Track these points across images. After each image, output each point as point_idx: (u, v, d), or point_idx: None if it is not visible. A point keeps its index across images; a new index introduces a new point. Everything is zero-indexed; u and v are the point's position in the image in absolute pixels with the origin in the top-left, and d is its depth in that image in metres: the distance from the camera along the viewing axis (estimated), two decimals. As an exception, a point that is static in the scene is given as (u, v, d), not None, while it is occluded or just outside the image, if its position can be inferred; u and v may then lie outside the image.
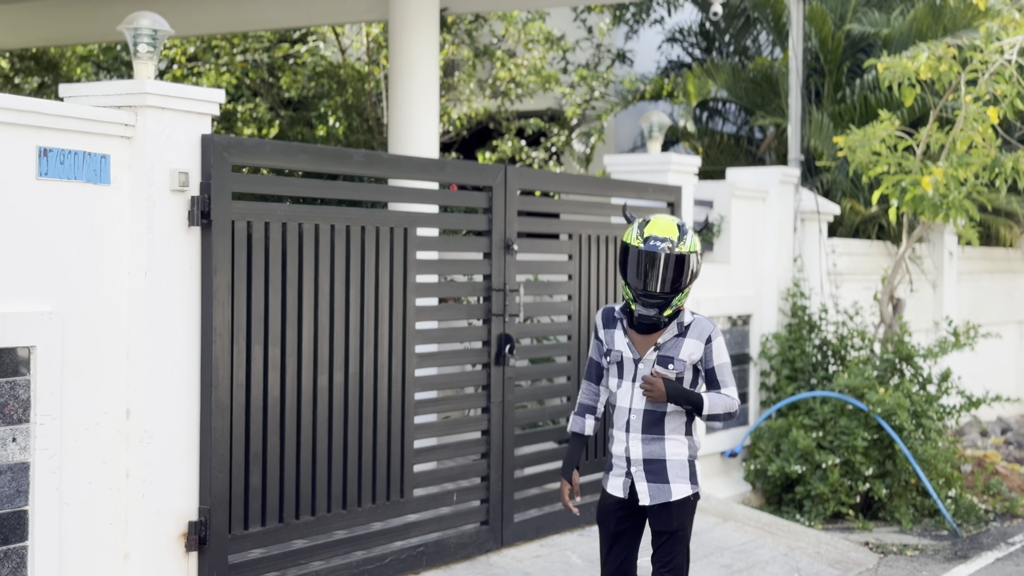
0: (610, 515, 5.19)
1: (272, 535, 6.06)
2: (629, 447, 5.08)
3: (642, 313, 5.00)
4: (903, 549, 8.77)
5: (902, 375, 9.89)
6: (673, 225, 5.03)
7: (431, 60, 9.93)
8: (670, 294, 4.97)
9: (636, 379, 5.05)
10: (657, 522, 5.10)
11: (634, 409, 5.07)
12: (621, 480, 5.13)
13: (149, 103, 5.42)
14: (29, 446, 5.03)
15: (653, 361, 5.05)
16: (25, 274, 5.06)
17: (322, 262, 6.26)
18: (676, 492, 5.07)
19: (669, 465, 5.06)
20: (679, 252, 4.97)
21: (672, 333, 5.07)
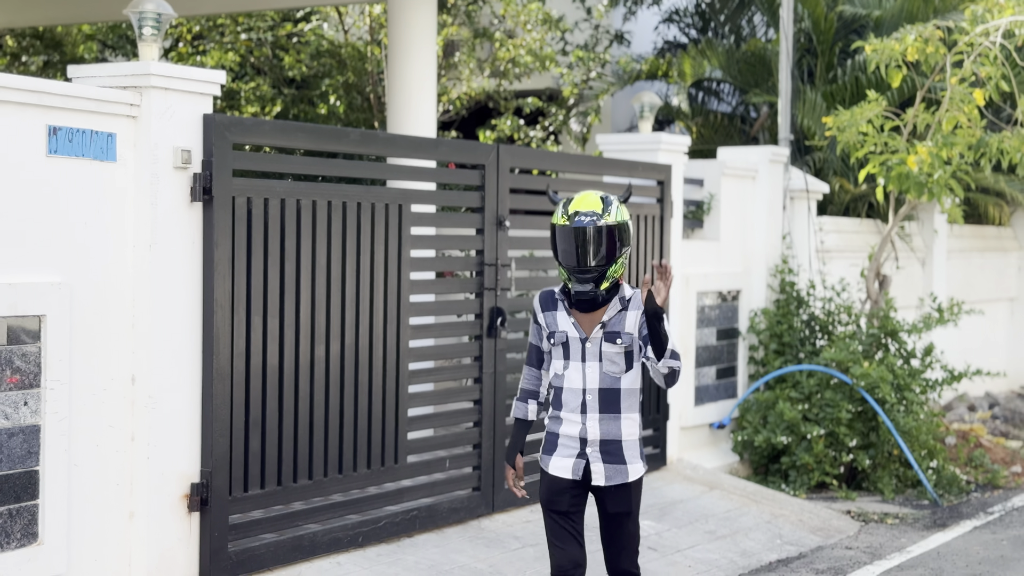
0: (562, 494, 5.03)
1: (271, 497, 6.34)
2: (586, 428, 4.97)
3: (579, 290, 4.94)
4: (884, 517, 9.05)
5: (887, 350, 10.14)
6: (596, 198, 4.97)
7: (429, 40, 10.16)
8: (602, 266, 4.90)
9: (586, 359, 4.97)
10: (613, 503, 5.00)
11: (589, 389, 4.98)
12: (571, 461, 4.99)
13: (153, 84, 5.68)
14: (40, 410, 5.31)
15: (600, 339, 4.97)
16: (36, 247, 5.32)
17: (319, 237, 6.52)
18: (633, 472, 5.00)
19: (625, 445, 4.99)
20: (606, 224, 4.90)
21: (616, 308, 4.99)
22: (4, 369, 5.17)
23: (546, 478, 5.06)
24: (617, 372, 4.99)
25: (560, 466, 5.01)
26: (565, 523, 5.03)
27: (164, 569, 5.82)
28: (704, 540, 7.97)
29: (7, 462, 5.19)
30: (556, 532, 5.05)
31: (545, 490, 5.07)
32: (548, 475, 5.04)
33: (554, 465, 5.03)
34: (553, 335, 5.04)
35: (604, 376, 4.98)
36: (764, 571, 7.58)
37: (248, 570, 6.16)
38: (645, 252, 9.06)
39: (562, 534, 5.04)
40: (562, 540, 5.05)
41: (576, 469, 5.00)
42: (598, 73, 15.16)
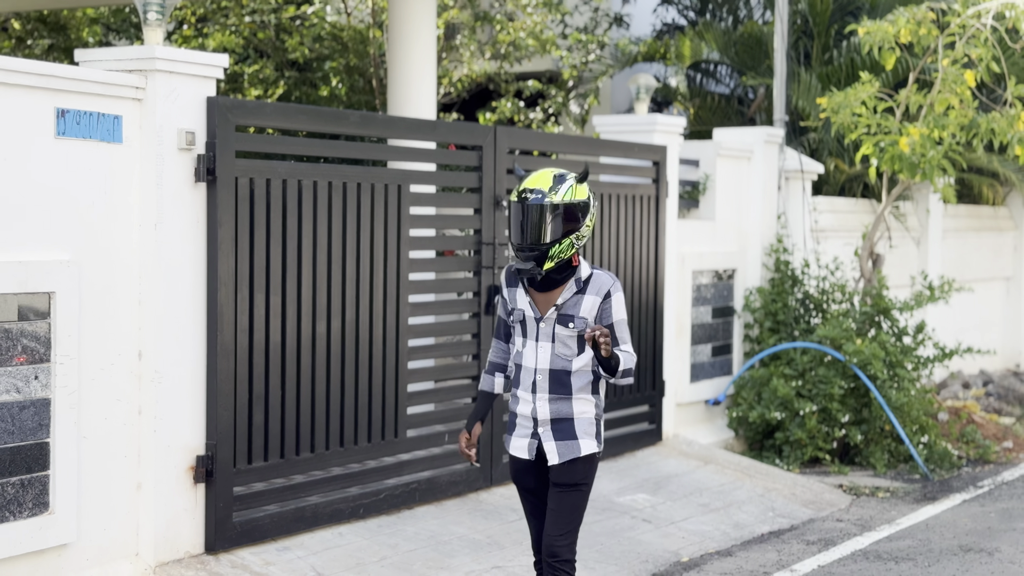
0: (525, 473, 5.02)
1: (274, 470, 6.53)
2: (536, 408, 4.90)
3: (519, 267, 4.84)
4: (875, 491, 9.23)
5: (879, 327, 10.32)
6: (548, 176, 4.85)
7: (430, 23, 10.29)
8: (544, 245, 4.77)
9: (539, 339, 4.88)
10: (560, 475, 4.92)
11: (539, 369, 4.89)
12: (526, 441, 4.95)
13: (158, 67, 5.85)
14: (50, 384, 5.49)
15: (554, 320, 4.87)
16: (45, 226, 5.50)
17: (320, 216, 6.69)
18: (584, 447, 4.91)
19: (577, 423, 4.91)
20: (550, 201, 4.78)
21: (572, 290, 4.89)
22: (15, 344, 5.35)
23: (510, 458, 5.06)
24: (569, 355, 4.88)
25: (517, 446, 4.99)
26: (536, 500, 5.05)
27: (170, 538, 6.01)
28: (698, 512, 8.15)
29: (19, 434, 5.37)
30: (529, 510, 5.09)
31: (512, 469, 5.07)
32: (510, 455, 5.05)
33: (513, 445, 5.01)
34: (513, 312, 4.97)
35: (555, 358, 4.88)
36: (756, 542, 7.76)
37: (252, 540, 6.35)
38: (642, 231, 9.23)
39: (532, 512, 5.08)
40: (532, 517, 5.08)
41: (531, 449, 4.95)
42: (597, 55, 15.29)
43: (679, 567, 7.13)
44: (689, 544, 7.52)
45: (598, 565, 6.95)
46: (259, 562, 6.21)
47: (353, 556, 6.50)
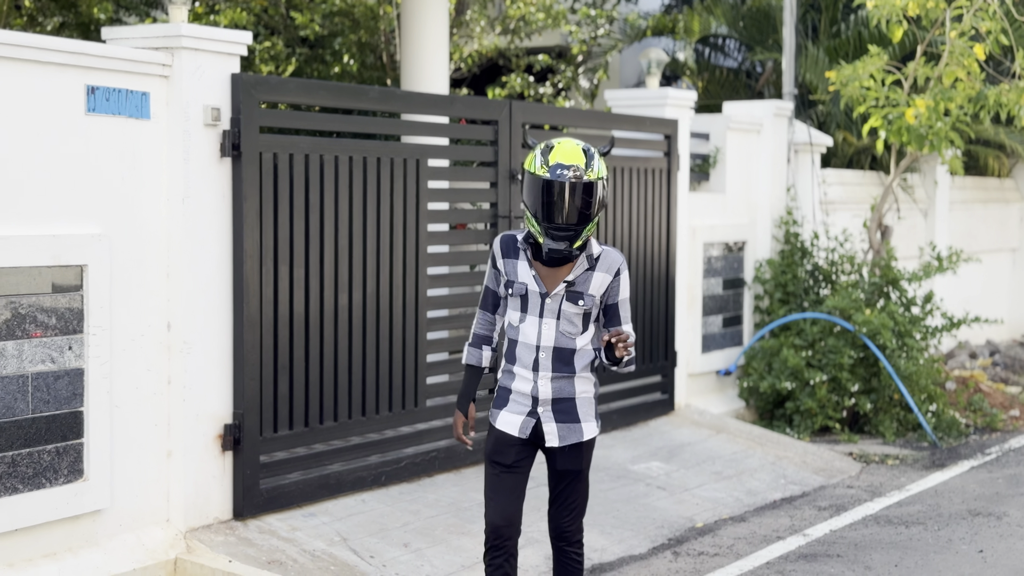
0: (508, 447, 4.76)
1: (299, 438, 6.68)
2: (538, 386, 4.69)
3: (552, 247, 4.61)
4: (884, 459, 9.38)
5: (888, 298, 10.45)
6: (579, 150, 4.62)
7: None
8: (579, 225, 4.60)
9: (544, 315, 4.68)
10: (565, 462, 4.75)
11: (543, 347, 4.68)
12: (521, 419, 4.73)
13: (184, 45, 5.97)
14: (83, 354, 5.64)
15: (562, 297, 4.68)
16: (77, 200, 5.64)
17: (341, 190, 6.83)
18: (587, 431, 4.76)
19: (579, 403, 4.74)
20: (587, 179, 4.58)
21: (583, 267, 4.71)
22: (49, 316, 5.49)
23: (494, 432, 4.79)
24: (574, 332, 4.71)
25: (509, 422, 4.75)
26: (507, 477, 4.76)
27: (200, 504, 6.17)
28: (711, 480, 8.31)
29: (54, 403, 5.52)
30: (495, 486, 4.77)
31: (493, 442, 4.79)
32: (496, 429, 4.78)
33: (503, 420, 4.76)
34: (512, 284, 4.74)
35: (560, 335, 4.69)
36: (769, 509, 7.91)
37: (278, 506, 6.51)
38: (654, 204, 9.36)
39: (501, 488, 4.76)
40: (499, 494, 4.76)
41: (524, 428, 4.72)
42: (606, 30, 15.38)
43: (694, 532, 7.28)
44: (703, 510, 7.68)
45: (614, 531, 7.10)
46: (286, 528, 6.37)
47: (376, 522, 6.65)
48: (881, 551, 6.95)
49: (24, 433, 5.41)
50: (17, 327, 5.36)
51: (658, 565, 6.68)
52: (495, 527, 4.77)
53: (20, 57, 5.36)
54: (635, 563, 6.70)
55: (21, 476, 5.40)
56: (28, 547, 5.45)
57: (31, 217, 5.45)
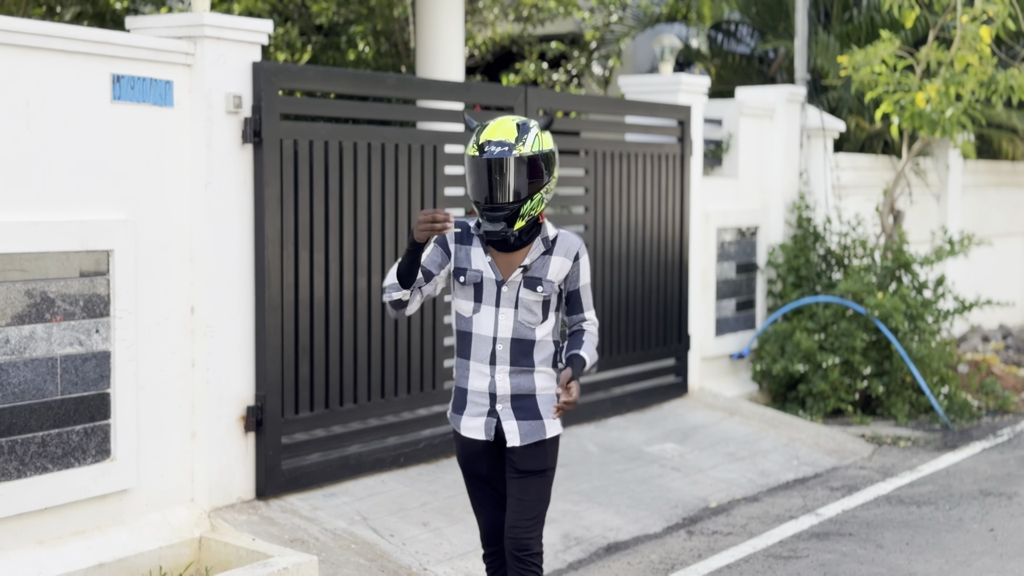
0: (477, 458, 4.54)
1: (319, 420, 6.80)
2: (495, 381, 4.41)
3: (488, 229, 4.34)
4: (897, 440, 9.48)
5: (900, 281, 10.54)
6: (512, 126, 4.35)
7: (456, -13, 10.51)
8: (515, 203, 4.31)
9: (500, 304, 4.40)
10: (524, 461, 4.45)
11: (500, 339, 4.40)
12: (482, 421, 4.46)
13: (207, 34, 6.09)
14: (110, 337, 5.76)
15: (519, 284, 4.41)
16: (103, 186, 5.76)
17: (360, 176, 6.94)
18: (550, 429, 4.47)
19: (540, 400, 4.46)
20: (518, 155, 4.30)
21: (539, 250, 4.43)
22: (77, 300, 5.62)
23: (459, 439, 4.57)
24: (533, 322, 4.43)
25: (471, 427, 4.49)
26: (487, 488, 4.59)
27: (223, 484, 6.30)
28: (724, 461, 8.41)
29: (82, 384, 5.65)
30: (479, 498, 4.63)
31: (460, 453, 4.58)
32: (461, 436, 4.55)
33: (465, 425, 4.50)
34: (464, 273, 4.44)
35: (518, 325, 4.41)
36: (782, 489, 8.02)
37: (300, 487, 6.64)
38: (667, 190, 9.45)
39: (484, 501, 4.62)
40: (484, 507, 4.63)
41: (488, 429, 4.46)
42: (619, 17, 15.46)
43: (708, 512, 7.40)
44: (717, 491, 7.79)
45: (629, 510, 7.22)
46: (307, 507, 6.50)
47: (396, 502, 6.78)
48: (893, 530, 7.05)
49: (53, 414, 5.54)
50: (46, 310, 5.49)
51: (672, 543, 6.79)
52: (489, 534, 4.66)
53: (48, 47, 5.47)
54: (650, 542, 6.82)
55: (50, 456, 5.53)
56: (58, 525, 5.58)
57: (59, 203, 5.57)
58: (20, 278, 5.38)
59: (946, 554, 6.61)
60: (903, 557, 6.55)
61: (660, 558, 6.55)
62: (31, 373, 5.44)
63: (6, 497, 5.33)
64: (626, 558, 6.54)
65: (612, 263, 8.97)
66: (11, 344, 5.36)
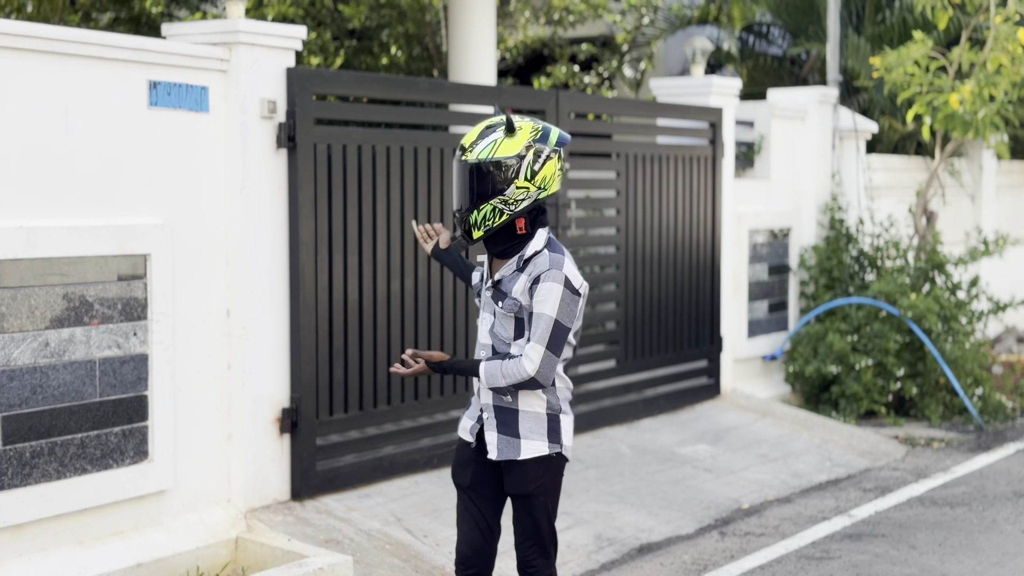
0: (466, 465, 4.37)
1: (353, 422, 6.86)
2: (481, 388, 4.28)
3: (452, 235, 4.31)
4: (930, 442, 9.46)
5: (933, 282, 10.51)
6: (480, 128, 4.16)
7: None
8: (464, 211, 4.12)
9: (484, 309, 4.32)
10: (509, 483, 4.28)
11: (482, 344, 4.28)
12: (471, 423, 4.35)
13: (242, 40, 6.16)
14: (147, 340, 5.84)
15: (492, 294, 4.26)
16: (140, 191, 5.84)
17: (393, 180, 7.00)
18: (526, 450, 4.20)
19: (521, 417, 4.21)
20: (466, 160, 4.10)
21: (511, 267, 4.20)
22: (115, 303, 5.70)
23: (456, 442, 4.49)
24: (505, 337, 4.21)
25: (464, 426, 4.40)
26: (469, 504, 4.37)
27: (259, 485, 6.37)
28: (757, 463, 8.42)
29: (120, 387, 5.73)
30: (460, 513, 4.42)
31: (454, 458, 4.46)
32: (459, 439, 4.45)
33: (461, 425, 4.42)
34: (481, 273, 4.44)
35: (495, 335, 4.24)
36: (814, 490, 8.03)
37: (334, 488, 6.70)
38: (699, 192, 9.47)
39: (465, 516, 4.39)
40: (464, 523, 4.39)
41: (472, 430, 4.35)
42: (650, 19, 15.48)
43: (740, 513, 7.41)
44: (749, 492, 7.80)
45: (662, 511, 7.25)
46: (342, 508, 6.56)
47: (429, 503, 6.83)
48: (926, 531, 7.05)
49: (92, 416, 5.62)
50: (85, 314, 5.57)
51: (705, 544, 6.81)
52: (462, 555, 4.41)
53: (86, 54, 5.56)
54: (682, 543, 6.85)
55: (90, 457, 5.61)
56: (97, 526, 5.66)
57: (97, 208, 5.65)
58: (59, 282, 5.47)
59: (979, 555, 6.60)
60: (936, 558, 6.55)
61: (692, 559, 6.57)
62: (70, 376, 5.52)
63: (46, 498, 5.42)
64: (658, 559, 6.56)
65: (644, 265, 8.99)
66: (51, 347, 5.44)
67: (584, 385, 8.63)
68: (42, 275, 5.40)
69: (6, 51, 5.29)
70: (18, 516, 5.32)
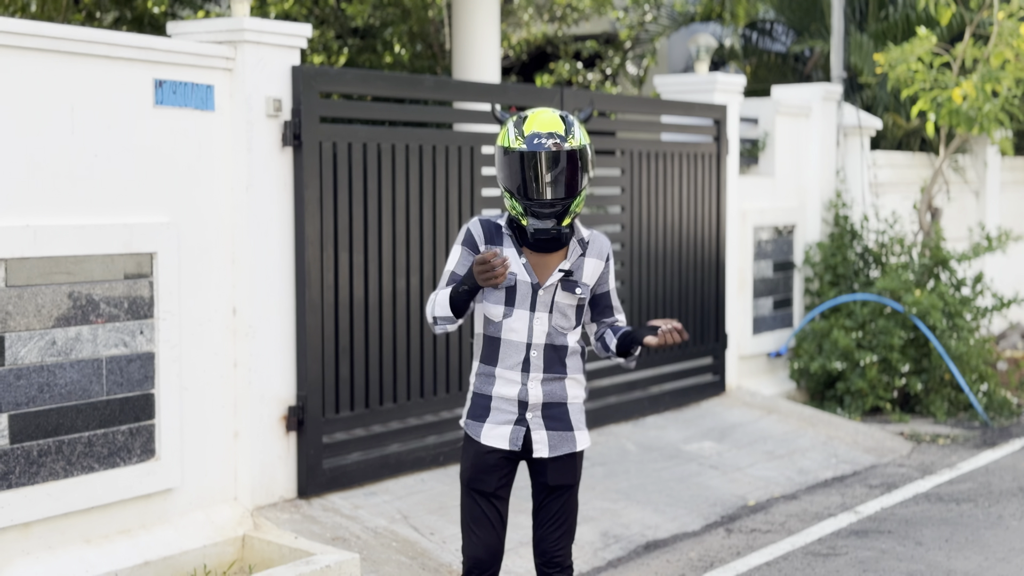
0: (492, 471, 4.22)
1: (359, 419, 6.86)
2: (527, 389, 4.15)
3: (538, 227, 4.07)
4: (936, 438, 9.46)
5: (938, 279, 10.51)
6: (556, 117, 4.13)
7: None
8: (567, 199, 4.07)
9: (536, 308, 4.15)
10: (556, 475, 4.22)
11: (535, 344, 4.15)
12: (509, 429, 4.18)
13: (247, 38, 6.16)
14: (154, 338, 5.85)
15: (555, 287, 4.17)
16: (147, 190, 5.84)
17: (398, 178, 7.00)
18: (580, 441, 4.26)
19: (571, 409, 4.25)
20: (569, 147, 4.08)
21: (576, 252, 4.21)
22: (121, 301, 5.71)
23: (473, 450, 4.25)
24: (566, 327, 4.20)
25: (495, 435, 4.19)
26: (489, 508, 4.24)
27: (265, 483, 6.37)
28: (763, 459, 8.43)
29: (127, 385, 5.74)
30: (478, 518, 4.26)
31: (471, 465, 4.25)
32: (478, 446, 4.23)
33: (487, 434, 4.20)
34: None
35: (553, 330, 4.17)
36: (820, 487, 8.03)
37: (341, 485, 6.70)
38: (704, 189, 9.47)
39: (484, 521, 4.25)
40: (483, 528, 4.26)
41: (515, 439, 4.19)
42: (653, 16, 15.48)
43: (746, 510, 7.41)
44: (755, 489, 7.80)
45: (668, 508, 7.25)
46: (348, 506, 6.56)
47: (436, 500, 6.83)
48: (932, 527, 7.05)
49: (99, 414, 5.63)
50: (91, 312, 5.57)
51: (711, 541, 6.82)
52: (477, 560, 4.28)
53: (92, 53, 5.56)
54: (688, 539, 6.85)
55: (96, 456, 5.62)
56: (104, 524, 5.67)
57: (103, 207, 5.66)
58: (66, 280, 5.47)
59: (985, 551, 6.60)
60: (942, 554, 6.55)
61: (699, 556, 6.57)
62: (77, 374, 5.53)
63: (54, 496, 5.43)
64: (665, 556, 6.57)
65: (649, 262, 9.00)
66: (58, 346, 5.45)
67: (589, 382, 8.63)
68: (48, 274, 5.41)
69: (12, 50, 5.30)
70: (26, 515, 5.33)
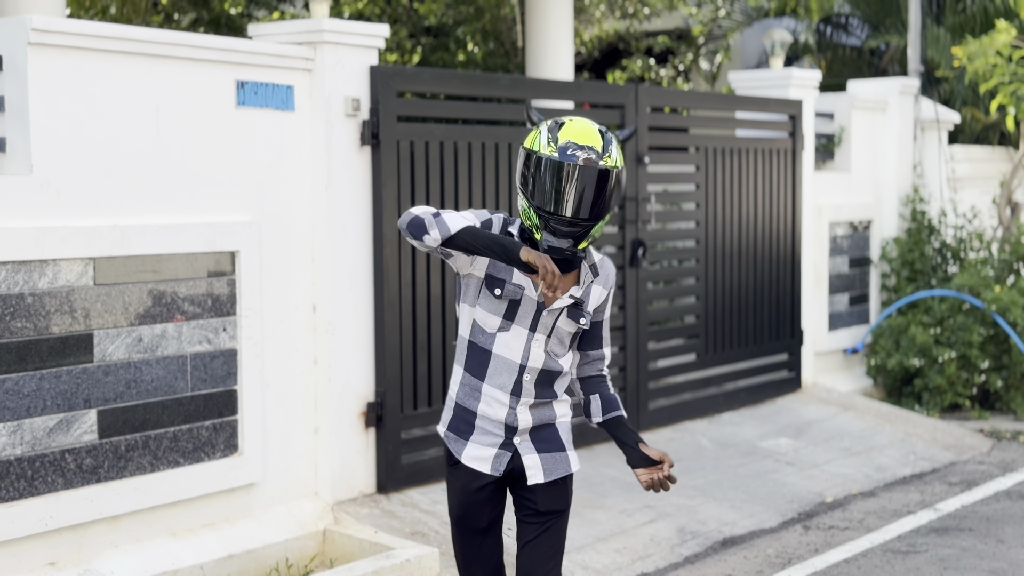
0: (481, 506, 3.90)
1: (435, 416, 6.90)
2: (516, 414, 3.81)
3: (552, 245, 3.67)
4: (1016, 435, 9.34)
5: (1018, 274, 10.38)
6: (595, 131, 3.70)
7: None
8: (591, 221, 3.67)
9: (536, 329, 3.78)
10: (547, 500, 3.86)
11: (530, 368, 3.79)
12: (492, 452, 3.84)
13: (326, 39, 6.24)
14: (236, 335, 5.94)
15: (560, 312, 3.81)
16: (229, 190, 5.94)
17: (474, 175, 7.05)
18: (573, 461, 3.91)
19: (560, 429, 3.89)
20: (604, 166, 3.64)
21: (589, 278, 3.86)
22: (205, 299, 5.81)
23: (460, 484, 3.90)
24: (560, 353, 3.86)
25: (477, 456, 3.86)
26: (479, 543, 3.96)
27: (345, 478, 6.45)
28: (839, 456, 8.38)
29: (211, 381, 5.84)
30: (471, 556, 3.98)
31: (459, 502, 3.92)
32: (464, 478, 3.88)
33: (469, 454, 3.86)
34: (501, 285, 3.76)
35: (548, 356, 3.82)
36: (899, 484, 7.97)
37: (419, 481, 6.77)
38: (779, 184, 9.43)
39: (475, 557, 3.97)
40: (474, 563, 3.98)
41: (498, 464, 3.85)
42: (727, 11, 15.41)
43: (824, 507, 7.38)
44: (832, 486, 7.77)
45: (744, 505, 7.24)
46: (427, 501, 6.63)
47: (513, 496, 6.87)
48: (1014, 525, 6.97)
49: (184, 410, 5.74)
50: (176, 310, 5.68)
51: (788, 538, 6.80)
52: None
53: (175, 55, 5.67)
54: (766, 536, 6.83)
55: (182, 450, 5.73)
56: (189, 517, 5.78)
57: (187, 206, 5.76)
58: (151, 279, 5.58)
59: (1069, 550, 6.53)
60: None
61: (776, 552, 6.56)
62: (163, 371, 5.64)
63: (141, 490, 5.54)
64: (742, 552, 6.56)
65: (724, 259, 8.98)
66: (144, 343, 5.56)
67: (664, 379, 8.64)
68: (135, 272, 5.52)
69: (98, 53, 5.41)
70: (114, 508, 5.45)
